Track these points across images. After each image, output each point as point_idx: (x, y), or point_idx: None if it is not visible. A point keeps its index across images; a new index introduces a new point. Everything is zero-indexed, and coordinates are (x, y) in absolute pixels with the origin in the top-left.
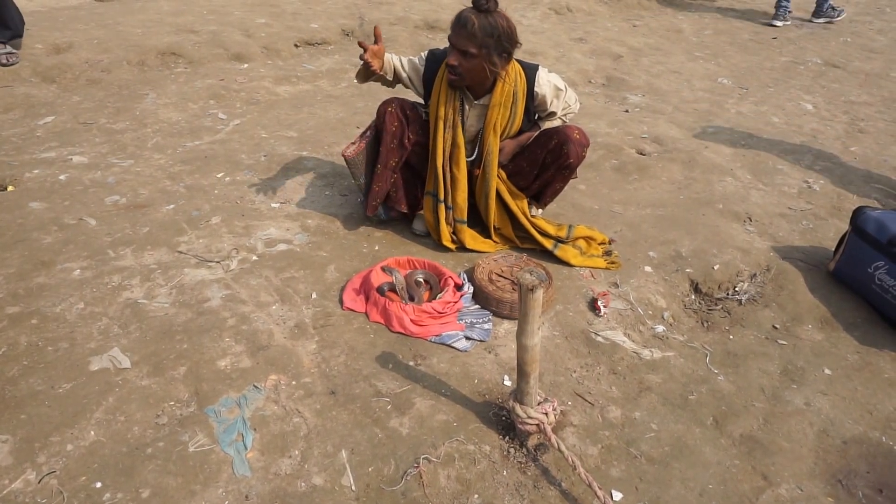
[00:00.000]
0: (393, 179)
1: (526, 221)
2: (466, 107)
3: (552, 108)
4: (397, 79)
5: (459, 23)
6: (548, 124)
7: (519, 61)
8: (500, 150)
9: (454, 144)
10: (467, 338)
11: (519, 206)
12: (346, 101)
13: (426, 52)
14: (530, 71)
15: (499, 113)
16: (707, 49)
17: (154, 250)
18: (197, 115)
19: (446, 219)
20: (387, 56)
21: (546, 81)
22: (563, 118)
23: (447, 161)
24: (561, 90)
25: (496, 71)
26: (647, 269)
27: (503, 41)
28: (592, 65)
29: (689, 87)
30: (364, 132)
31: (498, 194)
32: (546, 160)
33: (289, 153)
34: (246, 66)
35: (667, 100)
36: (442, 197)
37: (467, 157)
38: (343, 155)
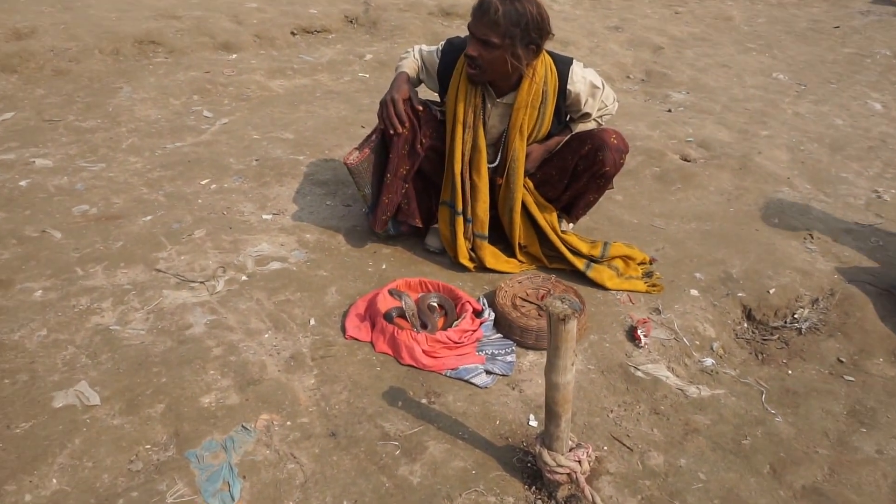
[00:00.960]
0: (405, 190)
1: (555, 238)
2: (488, 105)
3: (587, 109)
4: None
5: (482, 8)
6: (581, 127)
7: (550, 53)
8: (527, 156)
9: (474, 148)
10: (488, 372)
11: (547, 219)
12: (349, 97)
13: (444, 42)
14: (563, 65)
15: (525, 114)
16: (760, 39)
17: (128, 268)
18: (179, 112)
19: (465, 233)
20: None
21: (581, 78)
22: (599, 120)
23: (466, 167)
24: (598, 88)
25: (520, 66)
26: (694, 292)
27: (531, 31)
28: (630, 57)
29: (740, 83)
30: (370, 136)
31: (524, 207)
32: (578, 167)
33: (284, 157)
34: (235, 56)
35: (714, 98)
36: (460, 208)
37: (489, 162)
38: (345, 163)
